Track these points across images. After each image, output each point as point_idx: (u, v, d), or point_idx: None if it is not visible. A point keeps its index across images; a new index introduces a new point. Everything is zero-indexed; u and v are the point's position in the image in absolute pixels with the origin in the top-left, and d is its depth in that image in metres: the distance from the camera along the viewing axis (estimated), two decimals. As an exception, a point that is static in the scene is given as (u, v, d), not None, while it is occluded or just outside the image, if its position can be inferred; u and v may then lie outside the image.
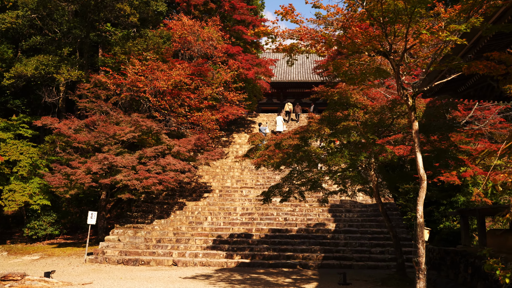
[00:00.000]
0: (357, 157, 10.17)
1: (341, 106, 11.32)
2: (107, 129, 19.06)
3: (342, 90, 10.90)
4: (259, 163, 11.88)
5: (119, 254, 16.89)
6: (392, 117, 11.06)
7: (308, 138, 11.05)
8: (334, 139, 10.38)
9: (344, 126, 10.41)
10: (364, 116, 10.86)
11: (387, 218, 12.34)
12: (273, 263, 15.84)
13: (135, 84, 20.53)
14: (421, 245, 7.73)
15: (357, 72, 8.91)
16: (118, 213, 24.74)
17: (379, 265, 15.54)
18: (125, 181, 17.60)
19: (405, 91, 7.81)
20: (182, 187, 22.36)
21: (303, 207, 20.52)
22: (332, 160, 10.12)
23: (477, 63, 7.10)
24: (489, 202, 21.15)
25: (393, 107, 10.30)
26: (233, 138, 30.62)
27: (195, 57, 24.70)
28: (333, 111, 11.38)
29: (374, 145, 10.33)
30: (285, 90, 41.23)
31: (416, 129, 7.88)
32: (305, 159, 11.04)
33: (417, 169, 7.96)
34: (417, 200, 8.03)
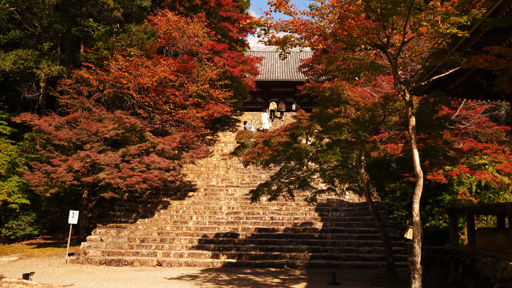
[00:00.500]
0: (348, 154, 9.95)
1: (332, 102, 11.09)
2: (90, 126, 18.54)
3: (334, 86, 10.68)
4: (248, 161, 11.59)
5: (102, 254, 16.41)
6: (384, 114, 10.87)
7: (298, 135, 10.79)
8: (325, 135, 10.14)
9: (336, 123, 10.19)
10: (356, 113, 10.65)
11: (378, 217, 12.17)
12: (260, 263, 15.56)
13: (118, 80, 20.01)
14: (417, 244, 7.54)
15: (351, 67, 8.68)
16: (100, 212, 24.18)
17: (367, 264, 15.40)
18: (108, 179, 17.12)
19: (402, 86, 7.60)
20: (167, 186, 21.94)
21: (289, 206, 20.29)
22: (323, 157, 9.87)
23: (477, 57, 6.93)
24: (474, 201, 21.35)
25: (385, 103, 10.11)
26: (218, 137, 30.26)
27: (180, 54, 24.26)
28: (324, 108, 11.15)
29: (366, 142, 10.13)
30: (269, 89, 41.06)
31: (413, 125, 7.68)
32: (295, 156, 10.79)
33: (414, 166, 7.76)
34: (413, 198, 7.84)
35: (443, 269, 12.46)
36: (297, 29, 7.52)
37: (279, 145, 11.26)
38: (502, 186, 23.73)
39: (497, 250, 11.83)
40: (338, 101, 10.98)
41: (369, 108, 10.33)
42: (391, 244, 16.81)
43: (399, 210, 21.72)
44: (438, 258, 12.91)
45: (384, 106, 10.16)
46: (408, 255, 7.78)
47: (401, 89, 7.63)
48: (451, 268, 11.87)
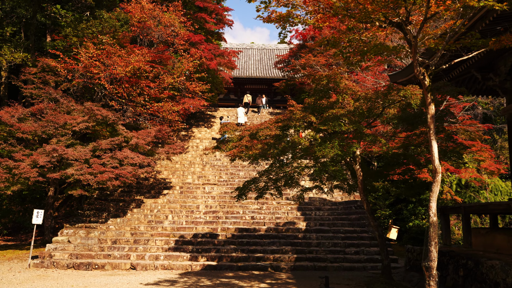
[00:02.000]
0: (348, 148, 9.09)
1: (327, 93, 10.22)
2: (57, 118, 17.10)
3: (332, 73, 9.79)
4: (236, 155, 10.58)
5: (69, 257, 15.06)
6: (383, 106, 10.07)
7: (291, 127, 9.87)
8: (324, 127, 9.25)
9: (334, 114, 9.31)
10: (354, 104, 9.82)
11: (372, 217, 11.38)
12: (243, 265, 14.57)
13: (89, 69, 18.61)
14: (433, 248, 6.73)
15: (356, 50, 7.79)
16: (67, 211, 22.65)
17: (355, 266, 14.63)
18: (77, 175, 15.77)
19: (422, 69, 6.78)
20: (140, 183, 20.68)
21: (270, 205, 19.38)
22: (321, 151, 8.99)
23: (509, 36, 6.14)
24: (459, 200, 20.91)
25: (388, 93, 9.31)
26: (192, 133, 29.09)
27: (155, 44, 22.95)
28: (318, 98, 10.26)
29: (367, 136, 9.31)
30: (243, 86, 40.10)
31: (432, 113, 6.87)
32: (288, 150, 9.86)
33: (432, 160, 6.95)
34: (430, 195, 7.03)
35: (439, 271, 11.75)
36: (307, 1, 6.57)
37: (269, 138, 10.31)
38: (483, 184, 23.55)
39: (496, 251, 11.24)
40: (334, 91, 10.12)
41: (369, 98, 9.51)
42: (375, 245, 16.18)
43: (382, 209, 21.16)
44: (433, 260, 12.21)
45: (385, 96, 9.36)
46: (423, 260, 6.94)
47: (421, 72, 6.81)
48: (449, 270, 11.19)
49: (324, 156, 9.15)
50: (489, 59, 12.43)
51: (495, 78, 12.67)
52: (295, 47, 36.83)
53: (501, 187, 24.14)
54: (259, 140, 10.48)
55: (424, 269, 6.91)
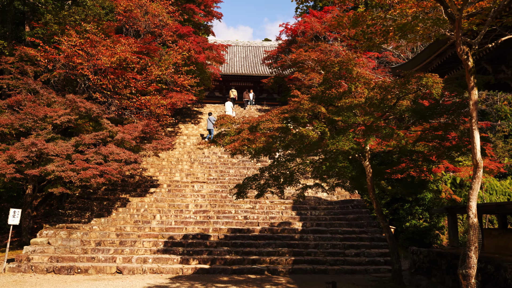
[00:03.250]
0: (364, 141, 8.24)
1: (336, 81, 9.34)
2: (36, 110, 15.88)
3: (345, 59, 8.91)
4: (237, 149, 9.62)
5: (49, 260, 13.89)
6: (397, 97, 9.23)
7: (300, 118, 8.96)
8: (339, 117, 8.37)
9: (348, 104, 8.45)
10: (369, 93, 8.96)
11: (383, 217, 10.56)
12: (237, 268, 13.61)
13: (71, 59, 17.39)
14: (473, 253, 5.92)
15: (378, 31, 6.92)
16: (46, 210, 21.32)
17: (356, 269, 13.81)
18: (59, 172, 14.60)
19: (465, 47, 5.95)
20: (125, 181, 19.54)
21: (263, 204, 18.47)
22: (334, 145, 8.11)
23: None
24: (458, 199, 20.28)
25: (406, 81, 8.46)
26: (179, 129, 27.98)
27: (142, 34, 21.80)
28: (328, 87, 9.37)
29: (383, 128, 8.46)
30: (228, 84, 39.09)
31: (475, 100, 6.04)
32: (296, 143, 8.96)
33: (473, 153, 6.13)
34: (469, 194, 6.19)
35: (451, 276, 11.01)
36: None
37: (273, 130, 9.40)
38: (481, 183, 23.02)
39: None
40: (345, 79, 9.25)
41: (385, 87, 8.66)
42: (379, 246, 15.41)
43: (378, 209, 20.39)
44: (444, 263, 11.46)
45: (403, 85, 8.52)
46: (460, 266, 6.10)
47: (464, 51, 5.99)
48: (464, 274, 10.41)
49: (338, 150, 8.28)
50: (502, 50, 11.78)
51: (507, 71, 11.98)
52: (284, 43, 36.00)
53: (496, 186, 23.69)
54: (261, 133, 9.56)
55: (461, 277, 6.08)
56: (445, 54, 12.31)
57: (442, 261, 11.63)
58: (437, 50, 12.42)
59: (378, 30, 6.85)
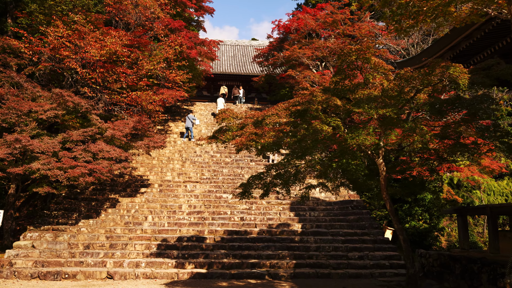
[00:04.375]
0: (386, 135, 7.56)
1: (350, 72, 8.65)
2: (20, 105, 14.87)
3: (364, 46, 8.19)
4: (244, 144, 8.85)
5: (34, 265, 12.92)
6: (415, 89, 8.56)
7: (313, 111, 8.24)
8: (359, 109, 7.68)
9: (367, 95, 7.77)
10: (389, 84, 8.28)
11: (397, 219, 9.89)
12: (236, 273, 12.84)
13: (58, 51, 16.42)
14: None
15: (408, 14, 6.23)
16: (30, 211, 20.24)
17: (361, 273, 13.16)
18: (44, 170, 13.65)
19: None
20: (114, 181, 18.59)
21: (260, 204, 17.72)
22: (354, 139, 7.42)
23: None
24: (459, 200, 19.78)
25: (431, 71, 7.79)
26: (169, 127, 27.09)
27: (132, 28, 20.86)
28: (344, 77, 8.67)
29: (405, 122, 7.79)
30: (216, 83, 38.35)
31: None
32: (310, 138, 8.24)
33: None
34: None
35: (467, 282, 10.39)
36: None
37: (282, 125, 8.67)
38: (476, 184, 22.64)
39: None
40: (360, 70, 8.56)
41: (407, 78, 7.97)
42: (382, 249, 14.79)
43: (378, 210, 19.84)
44: (459, 267, 10.84)
45: (427, 75, 7.84)
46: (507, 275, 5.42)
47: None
48: (482, 280, 9.81)
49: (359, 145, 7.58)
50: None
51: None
52: (275, 41, 35.35)
53: (494, 186, 23.34)
54: (269, 128, 8.82)
55: (509, 287, 5.41)
56: (458, 46, 11.75)
57: (456, 265, 11.01)
58: (449, 43, 11.85)
59: (409, 11, 6.17)
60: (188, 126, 25.07)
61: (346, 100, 8.90)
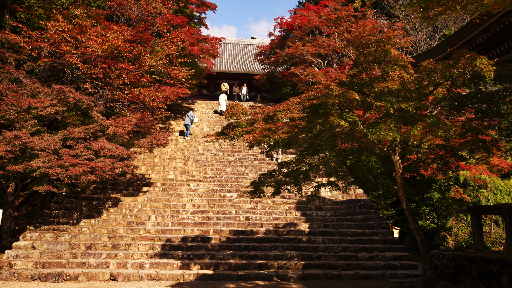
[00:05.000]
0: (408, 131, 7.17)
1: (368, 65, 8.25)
2: (19, 101, 14.45)
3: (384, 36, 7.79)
4: (257, 140, 8.43)
5: (34, 266, 12.49)
6: (435, 83, 8.16)
7: (330, 105, 7.84)
8: (380, 103, 7.28)
9: (388, 89, 7.37)
10: (409, 77, 7.88)
11: (414, 219, 9.51)
12: (244, 274, 12.43)
13: (58, 46, 15.99)
14: None
15: (436, 0, 5.83)
16: (29, 211, 19.81)
17: (372, 274, 12.76)
18: (45, 168, 13.22)
19: None
20: (115, 179, 18.16)
21: (265, 204, 17.32)
22: (375, 134, 7.03)
23: None
24: (468, 199, 19.39)
25: (456, 63, 7.39)
26: (170, 125, 26.67)
27: (134, 23, 20.40)
28: (360, 70, 8.27)
29: (427, 117, 7.40)
30: (216, 81, 37.93)
31: None
32: (327, 134, 7.84)
33: None
34: None
35: (486, 283, 10.03)
36: None
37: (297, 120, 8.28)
38: (483, 183, 22.28)
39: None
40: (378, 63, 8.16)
41: (429, 70, 7.57)
42: (393, 249, 14.42)
43: (385, 209, 19.46)
44: (476, 269, 10.47)
45: (451, 67, 7.44)
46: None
47: None
48: (503, 282, 9.44)
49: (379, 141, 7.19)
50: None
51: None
52: (277, 38, 34.96)
53: (500, 186, 22.98)
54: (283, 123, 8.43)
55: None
56: (474, 40, 11.37)
57: (473, 266, 10.64)
58: (465, 36, 11.47)
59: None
60: (187, 124, 24.71)
61: (362, 95, 8.50)
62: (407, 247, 18.24)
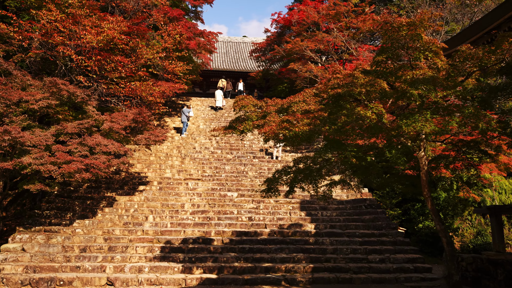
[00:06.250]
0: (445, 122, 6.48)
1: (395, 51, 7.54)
2: (9, 93, 13.54)
3: (416, 19, 7.07)
4: (275, 132, 7.68)
5: (25, 270, 11.61)
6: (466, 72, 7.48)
7: (356, 94, 7.12)
8: (417, 91, 6.58)
9: (423, 76, 6.68)
10: (443, 65, 7.19)
11: (439, 219, 8.81)
12: (250, 278, 11.68)
13: (51, 37, 15.08)
14: None
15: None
16: (17, 211, 18.82)
17: (386, 278, 12.09)
18: (36, 165, 12.34)
19: None
20: (110, 178, 17.28)
21: (268, 203, 16.57)
22: (410, 126, 6.33)
23: None
24: (477, 198, 18.80)
25: (497, 48, 6.70)
26: (165, 122, 25.83)
27: (129, 15, 19.52)
28: (388, 57, 7.56)
29: (466, 108, 6.71)
30: (208, 80, 37.19)
31: None
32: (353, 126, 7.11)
33: None
34: None
35: (513, 288, 9.38)
36: None
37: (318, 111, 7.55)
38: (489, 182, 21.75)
39: None
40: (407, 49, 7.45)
41: (467, 56, 6.89)
42: (404, 251, 13.78)
43: (391, 209, 18.82)
44: (501, 273, 9.84)
45: (492, 53, 6.77)
46: None
47: None
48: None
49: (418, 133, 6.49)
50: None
51: None
52: (273, 35, 34.28)
53: (505, 185, 22.48)
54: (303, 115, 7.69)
55: None
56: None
57: (498, 270, 10.00)
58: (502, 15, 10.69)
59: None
60: (184, 121, 23.92)
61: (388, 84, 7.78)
62: (414, 247, 17.65)
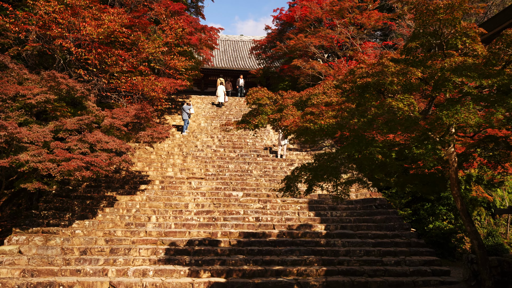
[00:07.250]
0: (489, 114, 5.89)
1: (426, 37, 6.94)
2: (5, 88, 12.85)
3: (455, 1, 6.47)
4: (298, 125, 7.06)
5: (22, 274, 10.93)
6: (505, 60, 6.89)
7: (387, 84, 6.52)
8: (460, 78, 6.00)
9: (463, 63, 6.09)
10: (483, 51, 6.60)
11: (470, 220, 8.23)
12: (260, 282, 11.06)
13: (49, 28, 14.40)
14: None
15: None
16: (13, 211, 18.09)
17: (403, 282, 11.50)
18: (34, 163, 11.64)
19: None
20: (110, 177, 16.64)
21: (275, 203, 15.96)
22: (451, 118, 5.75)
23: None
24: (489, 198, 18.23)
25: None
26: (165, 120, 25.15)
27: (130, 7, 18.86)
28: (421, 44, 6.97)
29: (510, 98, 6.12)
30: (207, 78, 36.61)
31: None
32: (385, 119, 6.52)
33: None
34: None
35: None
36: None
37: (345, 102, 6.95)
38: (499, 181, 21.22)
39: None
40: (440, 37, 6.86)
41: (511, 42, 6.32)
42: (419, 253, 13.20)
43: (400, 209, 18.24)
44: (532, 276, 9.25)
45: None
46: None
47: None
48: None
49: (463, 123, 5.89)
50: None
51: None
52: (274, 32, 33.74)
53: (516, 184, 21.99)
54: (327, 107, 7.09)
55: None
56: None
57: (528, 274, 9.43)
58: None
59: None
60: (186, 119, 23.27)
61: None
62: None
